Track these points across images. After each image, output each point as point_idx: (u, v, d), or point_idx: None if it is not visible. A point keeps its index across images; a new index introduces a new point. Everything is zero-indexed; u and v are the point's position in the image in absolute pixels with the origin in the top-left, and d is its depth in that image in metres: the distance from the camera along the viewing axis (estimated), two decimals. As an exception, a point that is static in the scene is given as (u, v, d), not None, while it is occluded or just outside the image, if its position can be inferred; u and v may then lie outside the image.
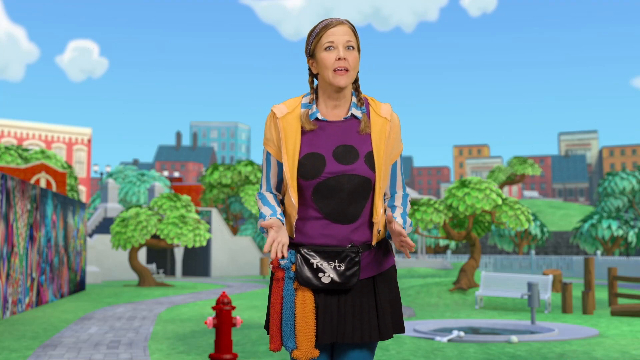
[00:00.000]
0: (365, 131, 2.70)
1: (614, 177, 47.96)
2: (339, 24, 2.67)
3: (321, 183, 2.65)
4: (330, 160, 2.66)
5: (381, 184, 2.70)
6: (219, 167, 42.17)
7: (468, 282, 18.73)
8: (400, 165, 2.83)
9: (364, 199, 2.69)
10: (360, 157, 2.68)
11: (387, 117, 2.74)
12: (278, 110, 2.72)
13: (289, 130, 2.69)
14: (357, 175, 2.66)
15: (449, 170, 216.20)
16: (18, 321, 13.03)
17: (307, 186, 2.67)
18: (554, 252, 54.27)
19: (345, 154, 2.67)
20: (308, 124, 2.69)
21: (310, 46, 2.70)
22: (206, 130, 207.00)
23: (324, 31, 2.66)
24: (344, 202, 2.66)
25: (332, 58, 2.64)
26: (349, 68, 2.65)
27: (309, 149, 2.68)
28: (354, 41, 2.67)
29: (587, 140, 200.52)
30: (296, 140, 2.68)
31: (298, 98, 2.76)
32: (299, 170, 2.67)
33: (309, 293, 2.65)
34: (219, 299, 7.35)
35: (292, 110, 2.72)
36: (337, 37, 2.64)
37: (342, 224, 2.68)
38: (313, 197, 2.67)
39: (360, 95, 2.76)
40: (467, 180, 18.87)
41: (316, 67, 2.71)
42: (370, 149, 2.70)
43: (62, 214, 18.82)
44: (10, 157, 36.64)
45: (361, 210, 2.69)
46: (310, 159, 2.66)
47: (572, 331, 11.57)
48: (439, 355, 8.83)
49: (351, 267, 2.64)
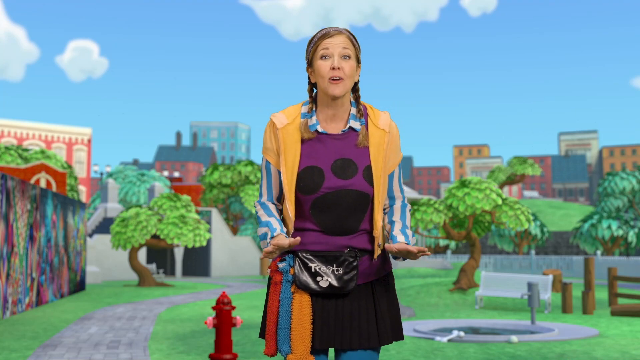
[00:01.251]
0: (364, 144, 2.69)
1: (614, 177, 47.96)
2: (337, 33, 2.66)
3: (319, 198, 2.65)
4: (329, 175, 2.65)
5: (380, 198, 2.69)
6: (219, 167, 42.17)
7: (468, 282, 18.72)
8: (399, 173, 2.81)
9: (362, 212, 2.69)
10: (359, 171, 2.67)
11: (385, 129, 2.72)
12: (278, 121, 2.71)
13: (289, 142, 2.68)
14: (356, 190, 2.65)
15: (449, 170, 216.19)
16: (18, 321, 13.03)
17: (306, 200, 2.67)
18: (554, 252, 54.27)
19: (344, 168, 2.66)
20: (307, 133, 2.68)
21: (309, 55, 2.70)
22: (206, 130, 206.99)
23: (320, 40, 2.66)
24: (342, 217, 2.66)
25: (327, 67, 2.64)
26: (344, 77, 2.64)
27: (308, 162, 2.67)
28: (350, 50, 2.66)
29: (587, 140, 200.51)
30: (296, 152, 2.67)
31: (297, 107, 2.75)
32: (297, 185, 2.66)
33: (307, 297, 2.64)
34: (219, 299, 7.35)
35: (292, 120, 2.71)
36: (333, 47, 2.64)
37: (340, 237, 2.68)
38: (311, 211, 2.67)
39: (360, 106, 2.74)
40: (467, 180, 18.87)
41: (314, 76, 2.71)
42: (368, 162, 2.69)
43: (62, 214, 18.82)
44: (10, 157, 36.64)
45: (359, 224, 2.69)
46: (309, 173, 2.65)
47: (572, 331, 11.57)
48: (439, 355, 8.83)
49: (349, 271, 2.63)
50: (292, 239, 2.57)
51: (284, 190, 2.68)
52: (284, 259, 2.69)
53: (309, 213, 2.67)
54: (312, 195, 2.65)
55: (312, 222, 2.68)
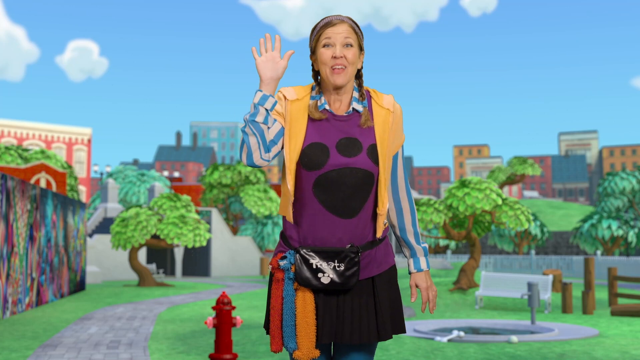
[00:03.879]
0: (367, 124, 2.71)
1: (614, 177, 47.95)
2: (339, 22, 2.69)
3: (323, 175, 2.65)
4: (334, 152, 2.66)
5: (386, 176, 2.72)
6: (219, 167, 42.16)
7: (468, 282, 18.72)
8: (401, 157, 2.83)
9: (367, 192, 2.69)
10: (363, 149, 2.68)
11: (389, 108, 2.75)
12: (288, 94, 2.73)
13: (296, 116, 2.70)
14: (360, 168, 2.67)
15: (449, 170, 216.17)
16: (18, 321, 13.03)
17: (309, 177, 2.67)
18: (554, 252, 54.27)
19: (349, 146, 2.68)
20: (317, 113, 2.70)
21: (312, 43, 2.73)
22: (206, 130, 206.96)
23: (323, 29, 2.69)
24: (346, 196, 2.66)
25: (329, 55, 2.67)
26: (346, 65, 2.67)
27: (313, 138, 2.68)
28: (353, 38, 2.69)
29: (587, 140, 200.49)
30: (302, 127, 2.69)
31: (306, 87, 2.78)
32: (301, 160, 2.67)
33: (309, 293, 2.65)
34: (219, 299, 7.35)
35: (301, 97, 2.74)
36: (335, 35, 2.67)
37: (342, 218, 2.67)
38: (314, 190, 2.67)
39: (362, 90, 2.77)
40: (467, 180, 18.87)
41: (317, 63, 2.74)
42: (373, 141, 2.71)
43: (62, 214, 18.81)
44: (10, 157, 36.64)
45: (363, 203, 2.69)
46: (314, 149, 2.66)
47: (572, 331, 11.57)
48: (439, 355, 8.83)
49: (351, 267, 2.64)
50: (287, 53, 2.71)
51: (285, 164, 2.69)
52: (285, 256, 2.70)
53: (312, 191, 2.68)
54: (315, 171, 2.66)
55: (315, 200, 2.68)
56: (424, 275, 2.85)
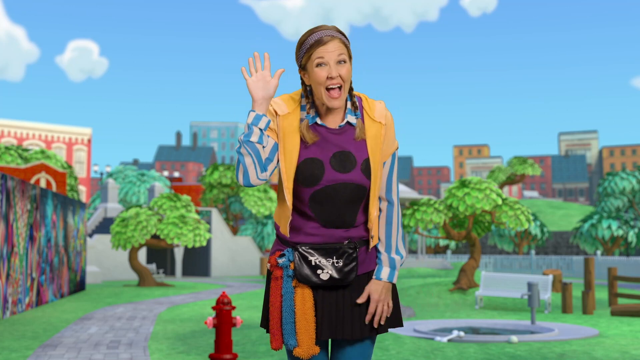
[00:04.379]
0: (361, 137, 2.70)
1: (614, 177, 47.96)
2: (330, 39, 2.63)
3: (319, 191, 2.66)
4: (328, 168, 2.66)
5: (375, 191, 2.72)
6: (219, 167, 42.17)
7: (468, 282, 18.72)
8: (391, 163, 2.79)
9: (359, 205, 2.72)
10: (357, 165, 2.68)
11: (381, 122, 2.73)
12: (279, 109, 2.70)
13: (288, 130, 2.68)
14: (354, 184, 2.67)
15: (449, 170, 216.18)
16: (18, 321, 13.03)
17: (305, 192, 2.68)
18: (554, 252, 54.27)
19: (343, 161, 2.67)
20: (309, 135, 2.67)
21: (302, 60, 2.68)
22: (206, 130, 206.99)
23: (314, 49, 2.63)
24: (341, 210, 2.68)
25: (323, 76, 2.62)
26: (342, 83, 2.64)
27: (307, 153, 2.67)
28: (345, 53, 2.64)
29: (587, 140, 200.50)
30: (295, 143, 2.67)
31: (295, 97, 2.74)
32: (297, 177, 2.67)
33: (308, 290, 2.68)
34: (219, 299, 7.35)
35: (292, 110, 2.71)
36: (327, 54, 2.62)
37: (338, 229, 2.70)
38: (310, 203, 2.68)
39: (354, 98, 2.74)
40: (467, 180, 18.87)
41: (308, 79, 2.69)
42: (366, 155, 2.70)
43: (62, 214, 18.82)
44: (10, 157, 36.64)
45: (356, 215, 2.72)
46: (309, 165, 2.65)
47: (572, 331, 11.57)
48: (439, 355, 8.83)
49: (349, 263, 2.67)
50: (278, 71, 2.66)
51: (282, 179, 2.69)
52: (284, 253, 2.72)
53: (308, 205, 2.69)
54: (312, 187, 2.66)
55: (311, 213, 2.69)
56: (381, 286, 2.74)
